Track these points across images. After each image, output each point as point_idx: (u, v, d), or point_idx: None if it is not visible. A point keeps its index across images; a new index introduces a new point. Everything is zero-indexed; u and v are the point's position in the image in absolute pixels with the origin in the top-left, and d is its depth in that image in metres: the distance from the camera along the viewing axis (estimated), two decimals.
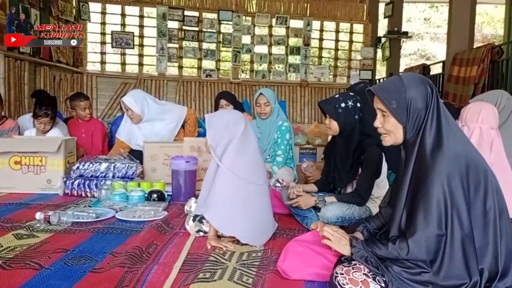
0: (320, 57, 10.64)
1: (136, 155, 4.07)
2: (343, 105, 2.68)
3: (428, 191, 1.55)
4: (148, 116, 4.27)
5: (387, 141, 1.77)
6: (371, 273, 1.63)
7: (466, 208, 1.53)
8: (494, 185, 1.58)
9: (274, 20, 10.15)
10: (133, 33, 9.43)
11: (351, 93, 2.83)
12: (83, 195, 3.56)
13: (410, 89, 1.64)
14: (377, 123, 1.76)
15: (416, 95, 1.63)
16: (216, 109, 4.72)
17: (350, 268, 1.65)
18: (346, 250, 1.74)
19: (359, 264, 1.67)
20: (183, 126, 4.53)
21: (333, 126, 2.75)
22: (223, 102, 4.70)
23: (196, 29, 9.78)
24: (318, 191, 2.97)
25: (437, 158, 1.57)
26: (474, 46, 7.23)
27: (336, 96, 2.79)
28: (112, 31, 9.32)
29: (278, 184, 3.56)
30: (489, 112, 3.00)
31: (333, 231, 1.81)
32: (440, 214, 1.53)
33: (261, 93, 4.08)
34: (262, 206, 2.45)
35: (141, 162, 3.97)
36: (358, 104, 2.72)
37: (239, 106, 4.71)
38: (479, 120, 2.81)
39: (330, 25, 10.69)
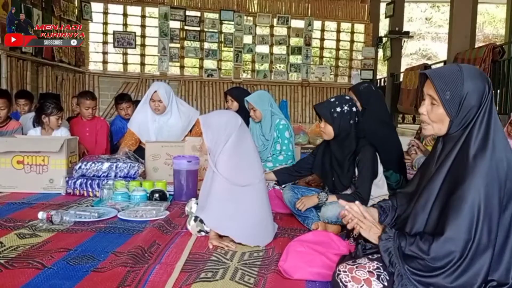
0: (321, 57, 10.66)
1: (142, 153, 4.12)
2: (338, 109, 2.65)
3: (463, 194, 1.50)
4: (169, 109, 4.38)
5: (429, 130, 1.67)
6: (376, 270, 1.61)
7: (498, 217, 1.49)
8: None
9: (275, 20, 10.17)
10: (135, 33, 9.47)
11: (347, 97, 2.79)
12: (85, 194, 3.56)
13: (468, 83, 1.54)
14: (423, 109, 1.66)
15: (473, 90, 1.54)
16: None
17: (354, 266, 1.64)
18: (375, 237, 1.67)
19: (363, 263, 1.65)
20: (190, 130, 4.55)
21: (328, 131, 2.71)
22: (228, 97, 4.74)
23: (198, 29, 9.81)
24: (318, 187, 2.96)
25: (479, 162, 1.50)
26: (476, 46, 7.24)
27: (332, 100, 2.74)
28: (114, 31, 9.36)
29: (277, 186, 3.56)
30: None
31: (364, 215, 1.74)
32: (472, 219, 1.48)
33: (246, 100, 4.09)
34: (258, 205, 2.44)
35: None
36: (354, 109, 2.69)
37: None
38: None
39: (331, 25, 10.71)
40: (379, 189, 2.78)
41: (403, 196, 1.93)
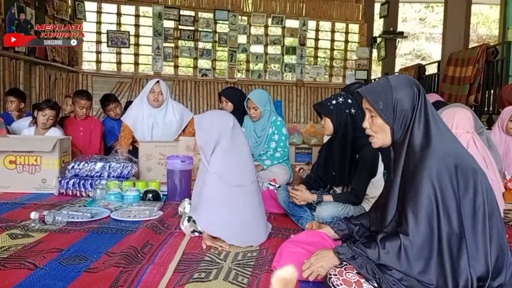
0: (315, 57, 10.66)
1: (136, 153, 4.13)
2: (334, 102, 2.75)
3: (418, 189, 1.57)
4: (165, 105, 4.41)
5: (375, 142, 1.80)
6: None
7: (456, 206, 1.54)
8: (484, 184, 1.59)
9: (270, 20, 10.16)
10: (128, 32, 9.42)
11: (342, 92, 2.92)
12: (78, 194, 3.54)
13: (396, 91, 1.67)
14: (366, 123, 1.79)
15: (403, 96, 1.67)
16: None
17: (343, 269, 1.66)
18: (335, 262, 1.73)
19: (349, 264, 1.67)
20: (183, 130, 4.55)
21: (327, 125, 2.78)
22: (222, 98, 4.74)
23: (192, 28, 9.79)
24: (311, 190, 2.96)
25: (426, 157, 1.59)
26: (469, 46, 7.27)
27: (328, 97, 2.87)
28: (107, 30, 9.32)
29: (271, 186, 3.55)
30: (463, 116, 3.07)
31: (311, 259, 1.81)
32: (430, 212, 1.54)
33: (248, 98, 4.09)
34: (251, 206, 2.45)
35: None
36: (349, 100, 2.76)
37: (241, 103, 4.69)
38: (454, 126, 2.87)
39: (325, 25, 10.72)
40: (376, 189, 2.77)
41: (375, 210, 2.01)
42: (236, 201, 2.39)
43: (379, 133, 1.75)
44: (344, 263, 1.68)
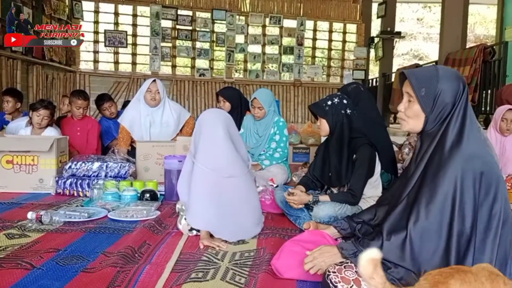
0: (313, 56, 10.68)
1: (133, 153, 4.12)
2: (329, 103, 2.75)
3: (438, 184, 1.55)
4: (162, 104, 4.43)
5: (404, 126, 1.75)
6: None
7: (473, 208, 1.53)
8: (504, 192, 1.57)
9: (267, 20, 10.18)
10: (126, 32, 9.42)
11: (338, 93, 2.91)
12: (75, 194, 3.54)
13: (442, 81, 1.62)
14: (401, 107, 1.73)
15: (447, 88, 1.61)
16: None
17: (342, 266, 1.66)
18: (337, 258, 1.73)
19: (350, 263, 1.67)
20: (181, 130, 4.55)
21: (323, 126, 2.79)
22: (220, 98, 4.74)
23: (190, 28, 9.79)
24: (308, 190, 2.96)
25: (454, 155, 1.56)
26: (467, 46, 7.28)
27: (324, 97, 2.86)
28: (105, 30, 9.32)
29: (270, 186, 3.55)
30: None
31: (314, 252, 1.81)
32: (443, 208, 1.53)
33: (255, 97, 4.09)
34: (240, 199, 2.47)
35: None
36: (345, 101, 2.76)
37: (238, 102, 4.68)
38: None
39: (323, 25, 10.73)
40: (374, 189, 2.78)
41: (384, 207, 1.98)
42: (225, 193, 2.41)
43: (412, 118, 1.70)
44: (344, 262, 1.68)
